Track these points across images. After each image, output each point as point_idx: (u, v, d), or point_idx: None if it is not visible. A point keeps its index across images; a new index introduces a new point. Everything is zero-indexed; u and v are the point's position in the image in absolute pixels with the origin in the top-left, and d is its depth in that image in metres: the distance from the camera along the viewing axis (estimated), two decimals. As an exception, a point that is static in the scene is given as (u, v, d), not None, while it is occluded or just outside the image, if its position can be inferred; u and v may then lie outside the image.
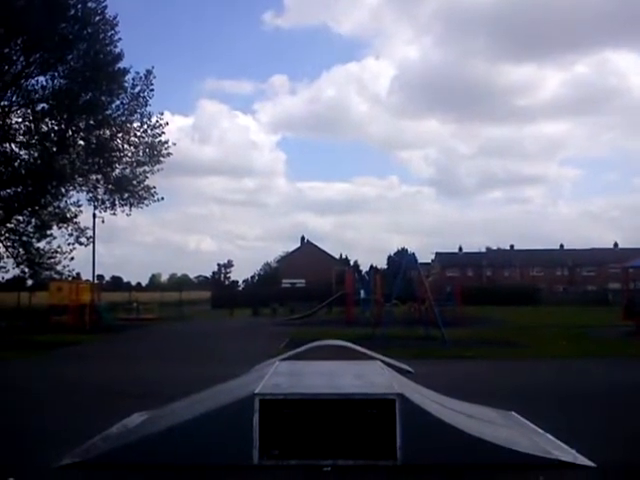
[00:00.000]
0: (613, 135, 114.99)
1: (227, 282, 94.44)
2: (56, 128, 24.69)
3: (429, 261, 79.33)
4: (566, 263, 79.47)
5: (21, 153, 24.47)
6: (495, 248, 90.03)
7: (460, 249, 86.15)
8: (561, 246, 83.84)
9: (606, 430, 6.86)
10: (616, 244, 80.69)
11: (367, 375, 6.84)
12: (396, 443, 5.39)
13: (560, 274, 79.06)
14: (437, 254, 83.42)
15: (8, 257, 24.24)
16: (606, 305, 43.68)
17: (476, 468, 5.25)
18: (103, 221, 29.43)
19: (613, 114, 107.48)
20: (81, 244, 25.87)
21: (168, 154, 25.96)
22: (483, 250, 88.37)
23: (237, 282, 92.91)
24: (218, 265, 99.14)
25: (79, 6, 22.95)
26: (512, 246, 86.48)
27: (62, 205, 25.27)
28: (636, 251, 35.65)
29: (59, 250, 25.10)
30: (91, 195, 26.00)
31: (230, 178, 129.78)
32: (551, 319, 28.28)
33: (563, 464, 5.36)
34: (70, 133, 24.88)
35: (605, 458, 5.50)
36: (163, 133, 25.63)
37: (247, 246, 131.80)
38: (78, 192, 25.91)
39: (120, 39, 24.43)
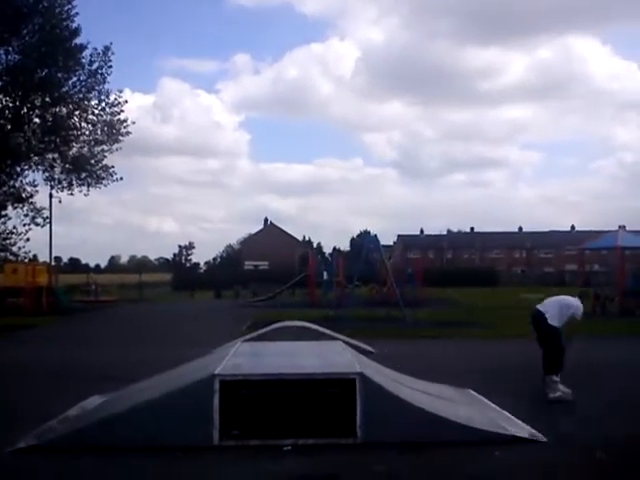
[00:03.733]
0: (573, 120, 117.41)
1: (188, 264, 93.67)
2: (11, 105, 24.01)
3: (391, 243, 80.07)
4: (524, 245, 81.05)
5: (-26, 131, 23.74)
6: (456, 230, 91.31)
7: (421, 231, 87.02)
8: (520, 229, 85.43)
9: (560, 407, 7.04)
10: (573, 227, 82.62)
11: (328, 355, 6.87)
12: (356, 421, 5.44)
13: (519, 256, 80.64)
14: (399, 236, 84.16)
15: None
16: (563, 286, 44.71)
17: (434, 445, 5.34)
18: (60, 201, 28.83)
19: (574, 99, 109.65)
20: (37, 225, 25.37)
21: (127, 133, 25.53)
22: (444, 232, 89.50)
23: (199, 264, 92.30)
24: (179, 247, 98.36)
25: (34, -22, 22.27)
26: (472, 228, 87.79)
27: (17, 185, 24.70)
28: (592, 233, 36.53)
29: (14, 231, 24.59)
30: (47, 174, 25.46)
31: (192, 158, 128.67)
32: (509, 300, 28.85)
33: (518, 440, 5.49)
34: (25, 110, 24.23)
35: (559, 433, 5.66)
36: (122, 111, 25.19)
37: (209, 228, 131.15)
38: (34, 171, 25.36)
39: (77, 14, 23.85)
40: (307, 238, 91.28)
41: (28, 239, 25.12)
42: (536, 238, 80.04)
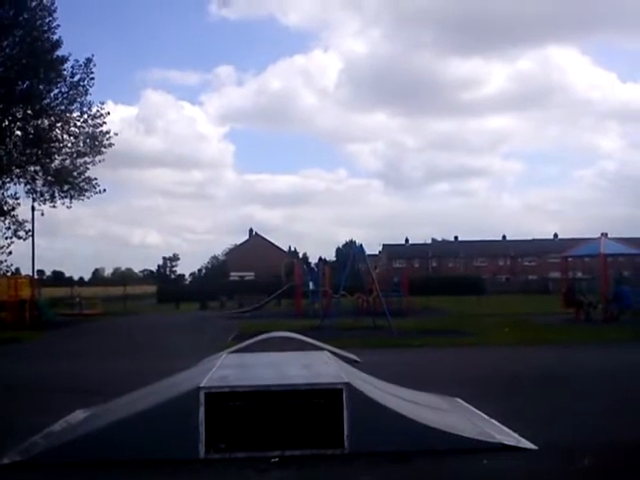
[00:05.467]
0: (555, 129, 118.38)
1: (173, 276, 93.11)
2: (-9, 118, 23.81)
3: (377, 252, 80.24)
4: (508, 253, 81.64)
5: (-46, 143, 23.52)
6: (440, 239, 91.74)
7: (407, 241, 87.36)
8: (503, 237, 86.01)
9: (547, 414, 7.06)
10: (556, 235, 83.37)
11: (314, 365, 6.84)
12: (344, 432, 5.40)
13: (503, 264, 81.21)
14: (384, 246, 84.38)
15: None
16: (547, 294, 45.07)
17: (422, 454, 5.32)
18: (43, 214, 28.56)
19: (555, 108, 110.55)
20: (19, 238, 25.12)
21: (110, 145, 25.42)
22: (429, 241, 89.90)
23: (184, 276, 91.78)
24: (164, 259, 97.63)
25: (14, -10, 22.18)
26: (456, 237, 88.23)
27: (-1, 197, 24.42)
28: (575, 241, 36.81)
29: (-4, 244, 24.27)
30: (29, 187, 25.26)
31: (177, 170, 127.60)
32: (494, 308, 29.00)
33: (506, 447, 5.49)
34: (7, 123, 24.06)
35: (547, 441, 5.66)
36: (104, 123, 25.09)
37: (194, 239, 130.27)
38: (16, 184, 25.13)
39: (59, 25, 23.75)
40: (293, 248, 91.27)
41: (10, 252, 24.86)
42: (520, 246, 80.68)
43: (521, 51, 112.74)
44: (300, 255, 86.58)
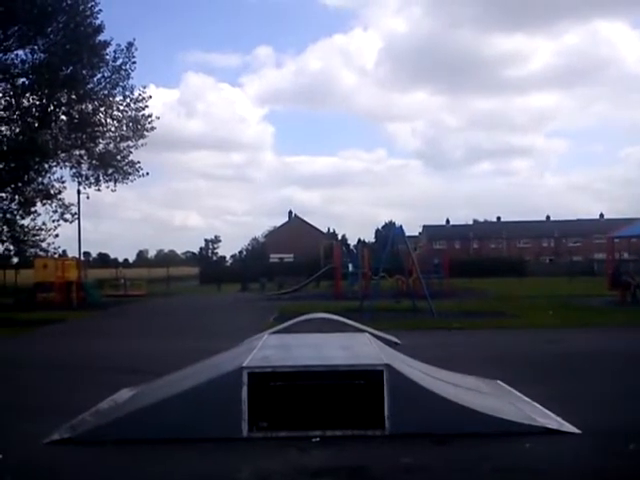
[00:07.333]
0: (601, 106, 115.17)
1: (215, 257, 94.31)
2: (37, 103, 24.35)
3: (417, 234, 79.70)
4: (552, 234, 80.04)
5: (2, 129, 24.14)
6: (482, 220, 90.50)
7: (447, 221, 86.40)
8: (547, 217, 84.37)
9: (591, 397, 6.94)
10: (602, 215, 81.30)
11: (355, 347, 6.86)
12: (384, 413, 5.42)
13: (546, 245, 79.68)
14: (424, 227, 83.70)
15: (-8, 235, 24.09)
16: (592, 275, 44.11)
17: (463, 436, 5.30)
18: (88, 197, 29.33)
19: (602, 85, 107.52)
20: (66, 220, 25.70)
21: (152, 128, 25.74)
22: (470, 222, 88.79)
23: (225, 257, 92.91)
24: (205, 241, 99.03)
25: (57, -23, 22.48)
26: (499, 218, 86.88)
27: (46, 181, 25.04)
28: (621, 221, 35.89)
29: (44, 227, 24.93)
30: (75, 171, 25.81)
31: (217, 152, 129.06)
32: (537, 290, 28.55)
33: (549, 431, 5.42)
34: (52, 108, 24.56)
35: (590, 425, 5.57)
36: (147, 107, 25.40)
37: (235, 221, 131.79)
38: (62, 168, 25.71)
39: (100, 10, 24.03)
40: (332, 230, 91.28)
41: (57, 235, 25.47)
42: (564, 227, 79.01)
43: (566, 26, 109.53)
44: (339, 237, 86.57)
